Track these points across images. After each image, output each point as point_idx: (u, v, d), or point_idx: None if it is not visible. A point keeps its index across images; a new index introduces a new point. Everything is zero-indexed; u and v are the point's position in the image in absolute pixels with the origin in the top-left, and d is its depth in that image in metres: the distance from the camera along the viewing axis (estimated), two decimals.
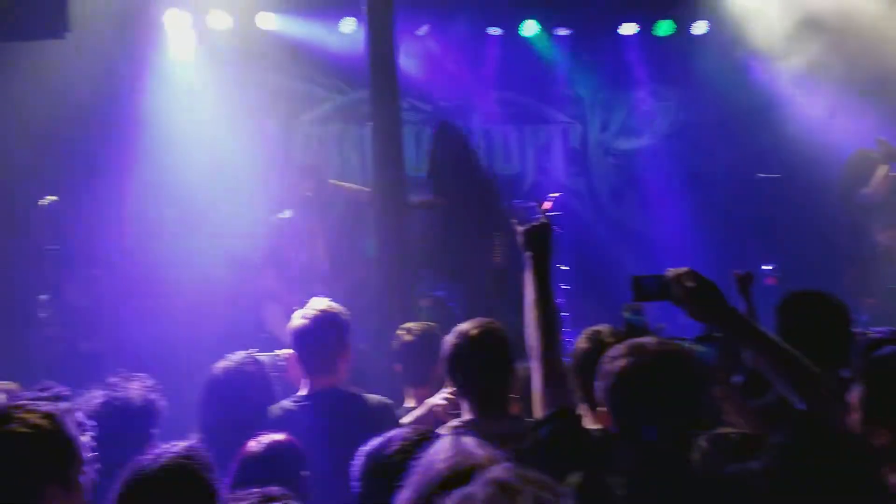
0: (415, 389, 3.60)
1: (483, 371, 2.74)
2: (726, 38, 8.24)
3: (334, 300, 3.51)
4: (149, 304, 7.15)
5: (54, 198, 5.73)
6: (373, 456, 2.04)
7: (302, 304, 5.86)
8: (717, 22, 8.16)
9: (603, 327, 2.76)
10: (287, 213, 6.18)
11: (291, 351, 3.81)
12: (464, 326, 2.84)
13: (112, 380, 2.74)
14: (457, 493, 1.18)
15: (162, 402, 2.74)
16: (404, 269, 4.88)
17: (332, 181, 6.50)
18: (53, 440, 1.74)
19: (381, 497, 1.88)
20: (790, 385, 2.10)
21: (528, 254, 2.57)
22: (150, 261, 7.14)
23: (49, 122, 6.43)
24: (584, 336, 2.77)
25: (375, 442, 2.08)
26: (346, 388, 3.42)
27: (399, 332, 3.74)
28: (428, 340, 3.55)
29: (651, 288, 2.33)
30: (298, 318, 3.37)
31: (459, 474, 1.56)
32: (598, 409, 2.49)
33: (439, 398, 3.11)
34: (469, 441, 1.71)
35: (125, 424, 2.54)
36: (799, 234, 6.99)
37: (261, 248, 6.27)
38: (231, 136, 7.77)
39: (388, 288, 4.80)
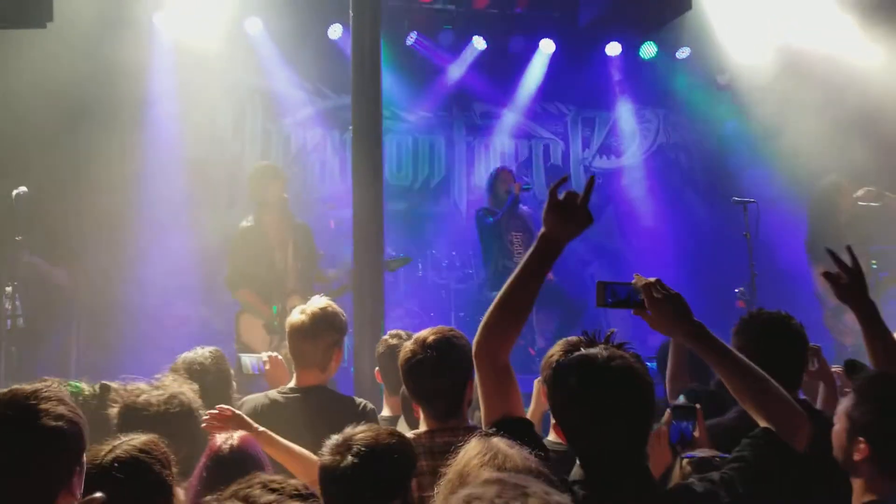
0: (392, 398, 3.59)
1: (439, 379, 2.64)
2: (707, 64, 8.34)
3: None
4: (119, 301, 7.11)
5: (24, 189, 5.65)
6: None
7: (274, 314, 5.97)
8: (699, 47, 8.26)
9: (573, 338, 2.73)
10: (249, 220, 6.11)
11: (274, 354, 3.85)
12: (422, 333, 2.75)
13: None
14: (464, 492, 1.15)
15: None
16: (380, 277, 4.86)
17: None
18: (81, 427, 1.76)
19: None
20: (754, 403, 2.09)
21: (548, 230, 2.25)
22: (123, 257, 7.09)
23: (27, 113, 6.35)
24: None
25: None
26: (332, 388, 3.48)
27: (384, 337, 3.72)
28: None
29: (616, 294, 2.30)
30: (298, 314, 3.40)
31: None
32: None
33: None
34: (499, 443, 1.68)
35: None
36: (772, 259, 7.07)
37: (228, 257, 6.19)
38: (211, 135, 7.75)
39: (362, 295, 4.78)
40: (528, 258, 2.26)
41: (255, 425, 2.88)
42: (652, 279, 2.19)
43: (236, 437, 2.49)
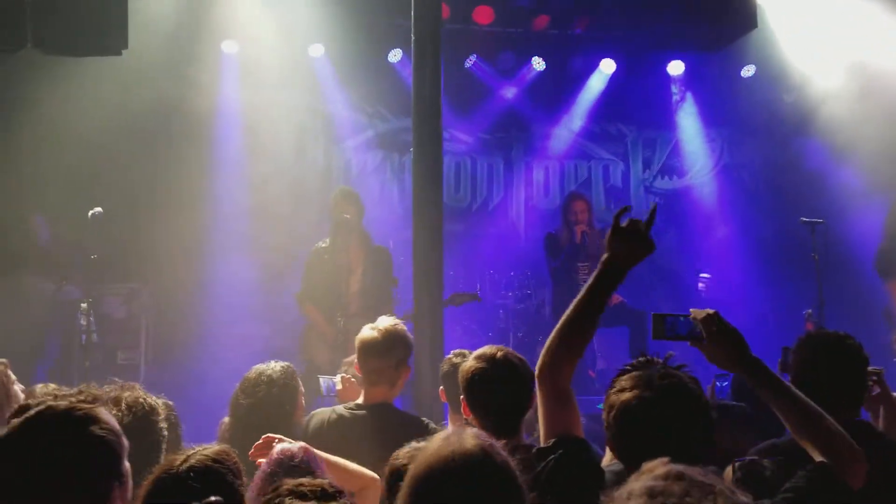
0: (457, 415, 3.62)
1: (500, 395, 2.71)
2: (773, 82, 8.20)
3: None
4: (187, 321, 7.31)
5: (99, 209, 5.86)
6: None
7: (337, 332, 6.03)
8: (765, 65, 8.13)
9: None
10: (325, 242, 6.23)
11: (347, 375, 3.92)
12: (484, 350, 2.83)
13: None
14: (642, 483, 1.12)
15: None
16: (439, 298, 4.88)
17: None
18: (117, 441, 1.81)
19: None
20: (810, 439, 2.07)
21: (611, 255, 2.31)
22: (190, 275, 7.29)
23: (102, 138, 6.61)
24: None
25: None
26: (397, 406, 3.57)
27: (447, 357, 3.76)
28: None
29: (673, 327, 2.32)
30: (368, 330, 3.49)
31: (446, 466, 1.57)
32: None
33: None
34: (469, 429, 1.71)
35: None
36: (843, 280, 6.88)
37: (303, 273, 6.31)
38: (274, 157, 7.93)
39: (422, 315, 4.80)
40: (591, 283, 2.32)
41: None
42: (710, 312, 2.20)
43: (297, 445, 2.53)
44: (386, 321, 3.52)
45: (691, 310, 2.26)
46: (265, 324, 7.51)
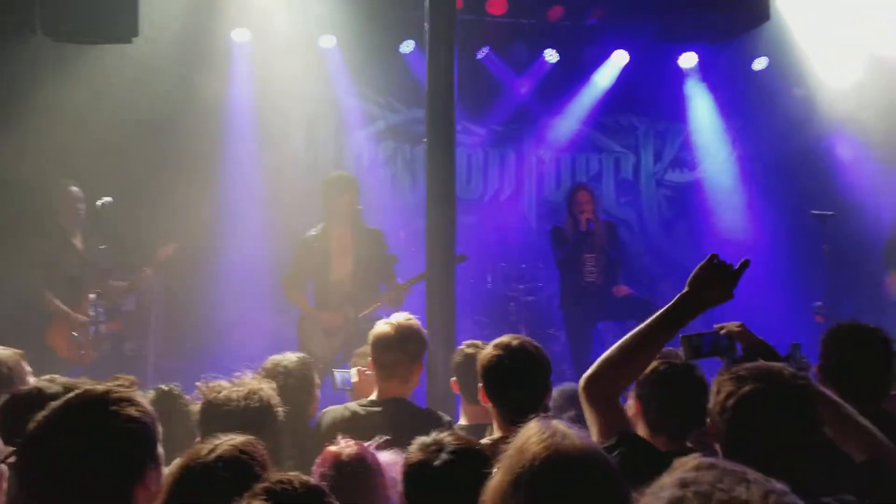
0: (470, 406, 3.61)
1: (520, 385, 2.74)
2: (786, 75, 8.15)
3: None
4: (197, 312, 7.31)
5: (109, 199, 5.85)
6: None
7: (334, 320, 6.02)
8: (777, 58, 8.07)
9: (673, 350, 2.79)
10: (317, 230, 6.22)
11: (363, 369, 3.91)
12: (504, 339, 2.86)
13: None
14: (674, 476, 1.11)
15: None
16: (452, 289, 4.87)
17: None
18: (145, 421, 1.84)
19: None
20: (850, 442, 2.08)
21: (691, 293, 2.30)
22: (201, 267, 7.29)
23: (110, 127, 6.59)
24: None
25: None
26: (412, 401, 3.55)
27: (460, 347, 3.76)
28: None
29: (703, 345, 2.38)
30: (382, 325, 3.48)
31: (553, 456, 1.60)
32: None
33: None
34: (559, 424, 1.72)
35: None
36: (855, 273, 6.86)
37: (291, 263, 6.32)
38: (285, 148, 7.91)
39: (434, 308, 4.80)
40: (663, 315, 2.33)
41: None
42: (738, 325, 2.30)
43: (353, 444, 2.52)
44: (399, 316, 3.52)
45: (716, 325, 2.30)
46: (276, 314, 7.50)
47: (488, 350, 2.82)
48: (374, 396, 3.45)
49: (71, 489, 1.72)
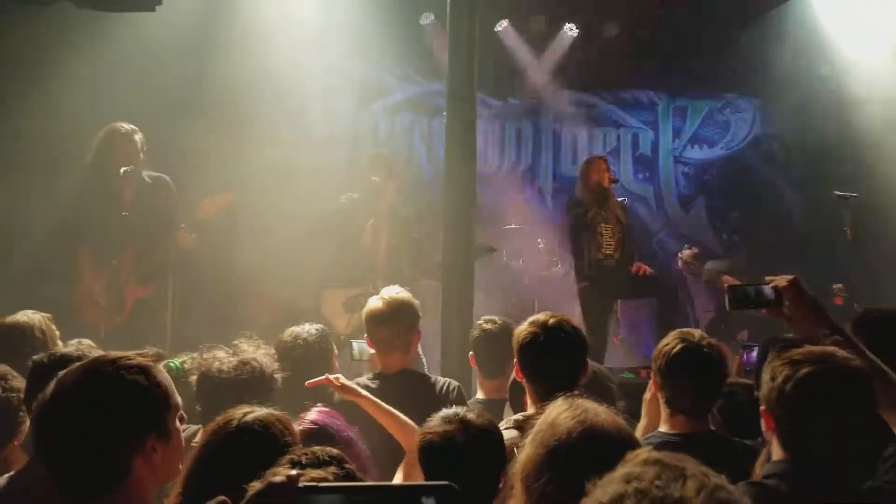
0: (488, 381, 3.65)
1: (554, 362, 2.75)
2: (810, 54, 8.05)
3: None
4: (212, 279, 7.33)
5: (132, 166, 5.83)
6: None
7: (359, 293, 6.07)
8: (802, 36, 7.97)
9: (694, 330, 2.76)
10: (354, 194, 6.26)
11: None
12: (540, 316, 2.86)
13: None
14: (623, 470, 1.16)
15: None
16: (470, 263, 4.89)
17: None
18: (152, 391, 1.80)
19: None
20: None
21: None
22: (216, 235, 7.31)
23: (131, 97, 6.59)
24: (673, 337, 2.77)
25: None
26: (416, 370, 3.62)
27: (478, 322, 3.78)
28: (505, 333, 3.57)
29: (749, 296, 2.34)
30: (373, 302, 3.52)
31: (587, 431, 1.63)
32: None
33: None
34: (586, 401, 1.74)
35: None
36: (876, 255, 6.81)
37: (323, 227, 6.36)
38: (302, 119, 7.90)
39: (451, 282, 4.82)
40: None
41: (362, 392, 3.02)
42: (790, 278, 2.22)
43: (317, 412, 2.55)
44: (390, 291, 3.56)
45: (767, 278, 2.26)
46: (290, 285, 7.54)
47: (524, 327, 2.83)
48: (379, 369, 3.51)
49: (69, 451, 1.72)
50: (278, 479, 0.95)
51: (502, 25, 8.14)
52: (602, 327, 6.33)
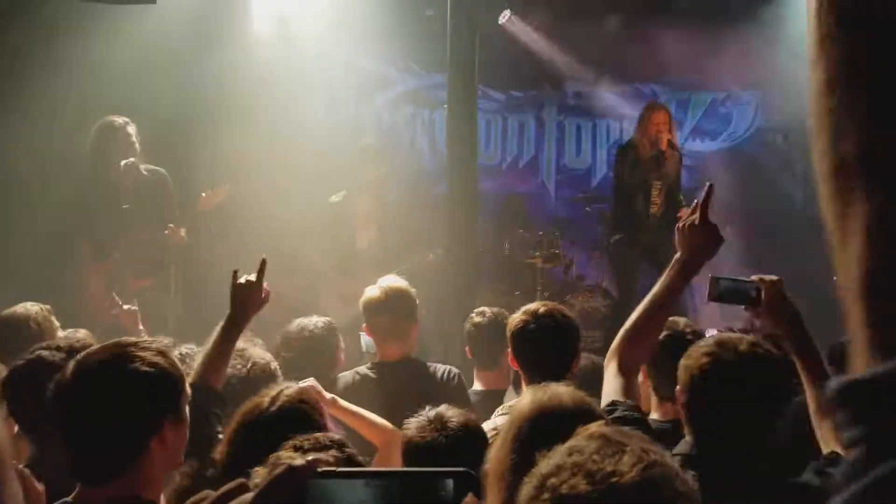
0: (483, 372, 3.66)
1: (546, 350, 2.78)
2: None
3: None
4: (212, 270, 7.32)
5: (133, 159, 5.82)
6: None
7: (354, 289, 6.06)
8: (803, 27, 7.92)
9: (679, 318, 2.79)
10: (340, 196, 6.24)
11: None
12: (532, 305, 2.92)
13: None
14: (570, 443, 1.17)
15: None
16: (473, 254, 4.90)
17: None
18: (170, 375, 1.85)
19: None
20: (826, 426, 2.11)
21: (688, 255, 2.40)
22: (218, 226, 7.30)
23: (129, 88, 6.58)
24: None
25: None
26: (416, 357, 3.62)
27: (472, 314, 3.80)
28: (495, 325, 3.59)
29: (727, 291, 2.35)
30: (370, 290, 3.54)
31: (545, 407, 1.66)
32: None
33: None
34: (554, 386, 1.76)
35: None
36: None
37: (315, 229, 6.35)
38: (304, 111, 7.89)
39: (454, 274, 4.82)
40: (670, 283, 2.39)
41: (325, 393, 3.01)
42: (775, 278, 2.26)
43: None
44: (387, 279, 3.60)
45: (755, 276, 2.27)
46: (291, 276, 7.53)
47: (517, 315, 2.89)
48: (377, 359, 3.53)
49: (89, 430, 1.75)
50: (298, 462, 0.97)
51: (505, 17, 8.12)
52: (631, 283, 6.10)
